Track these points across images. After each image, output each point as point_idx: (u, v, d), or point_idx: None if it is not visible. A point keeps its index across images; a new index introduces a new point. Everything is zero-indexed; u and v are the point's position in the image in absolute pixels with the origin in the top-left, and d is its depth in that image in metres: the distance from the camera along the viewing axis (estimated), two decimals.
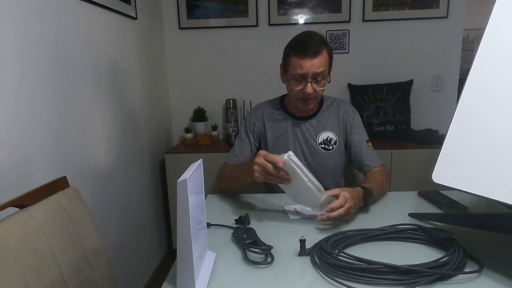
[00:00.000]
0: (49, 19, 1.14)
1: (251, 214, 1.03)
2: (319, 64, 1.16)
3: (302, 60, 1.16)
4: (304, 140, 1.32)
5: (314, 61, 1.15)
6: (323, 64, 1.17)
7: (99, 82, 1.45)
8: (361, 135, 1.32)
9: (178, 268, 0.67)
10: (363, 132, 1.34)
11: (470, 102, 0.74)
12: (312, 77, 1.17)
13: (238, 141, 1.37)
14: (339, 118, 1.33)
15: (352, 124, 1.32)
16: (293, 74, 1.19)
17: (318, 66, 1.15)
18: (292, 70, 1.19)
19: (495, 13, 0.73)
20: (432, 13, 2.20)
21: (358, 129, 1.33)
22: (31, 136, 1.05)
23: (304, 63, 1.15)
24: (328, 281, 0.70)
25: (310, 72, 1.16)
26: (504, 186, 0.66)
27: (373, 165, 1.29)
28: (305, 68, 1.15)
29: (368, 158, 1.30)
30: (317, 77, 1.17)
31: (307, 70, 1.16)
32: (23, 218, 0.69)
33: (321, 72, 1.17)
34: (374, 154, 1.31)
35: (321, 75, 1.17)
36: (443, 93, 2.31)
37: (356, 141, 1.31)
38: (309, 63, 1.15)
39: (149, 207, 1.98)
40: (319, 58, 1.15)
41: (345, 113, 1.33)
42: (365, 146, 1.31)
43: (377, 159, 1.31)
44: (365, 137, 1.33)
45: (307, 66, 1.15)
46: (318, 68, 1.15)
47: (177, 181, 0.63)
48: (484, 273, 0.71)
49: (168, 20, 2.31)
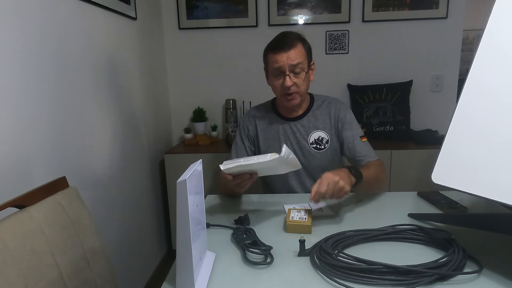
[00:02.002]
0: (49, 20, 1.14)
1: (250, 214, 1.03)
2: (295, 56, 1.19)
3: (277, 55, 1.20)
4: (295, 141, 1.32)
5: (289, 53, 1.19)
6: (298, 56, 1.20)
7: (99, 82, 1.45)
8: (353, 130, 1.30)
9: (178, 268, 0.67)
10: (356, 128, 1.31)
11: (469, 102, 0.74)
12: (290, 69, 1.20)
13: (235, 146, 1.38)
14: (330, 116, 1.32)
15: (344, 121, 1.30)
16: (272, 70, 1.23)
17: (293, 58, 1.19)
18: (270, 66, 1.23)
19: (494, 13, 0.73)
20: (431, 14, 2.20)
21: (351, 125, 1.30)
22: (31, 136, 1.05)
23: (279, 56, 1.19)
24: (327, 281, 0.70)
25: (286, 64, 1.19)
26: (504, 186, 0.66)
27: (368, 159, 1.25)
28: (281, 61, 1.19)
29: (362, 154, 1.27)
30: (294, 69, 1.20)
31: (283, 63, 1.19)
32: (22, 218, 0.69)
33: (297, 64, 1.20)
34: (369, 149, 1.28)
35: (298, 67, 1.20)
36: (442, 93, 2.31)
37: (348, 137, 1.29)
38: (284, 56, 1.19)
39: (148, 207, 1.98)
40: (294, 50, 1.19)
41: (336, 110, 1.32)
42: (359, 141, 1.28)
43: (372, 154, 1.28)
44: (358, 133, 1.30)
45: (283, 59, 1.19)
46: (293, 60, 1.19)
47: (177, 182, 0.63)
48: (483, 273, 0.71)
49: (168, 20, 2.31)
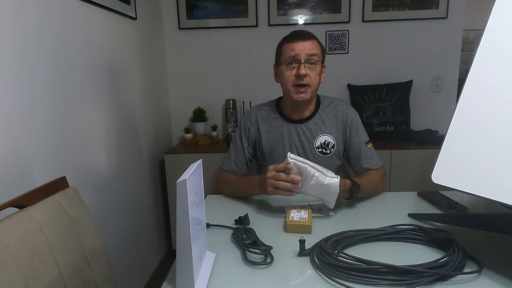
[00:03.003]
0: (48, 19, 1.14)
1: (250, 214, 1.03)
2: (311, 47, 1.18)
3: (294, 43, 1.19)
4: (300, 144, 1.30)
5: (306, 43, 1.18)
6: (315, 47, 1.20)
7: (98, 82, 1.45)
8: (360, 137, 1.29)
9: (178, 268, 0.67)
10: (362, 134, 1.30)
11: (469, 102, 0.74)
12: (305, 58, 1.18)
13: (234, 146, 1.36)
14: (337, 120, 1.30)
15: (351, 127, 1.29)
16: (286, 58, 1.21)
17: (310, 48, 1.18)
18: (285, 55, 1.21)
19: (494, 13, 0.73)
20: (431, 14, 2.20)
21: (358, 131, 1.30)
22: (31, 136, 1.05)
23: (297, 44, 1.19)
24: (327, 281, 0.70)
25: (303, 53, 1.18)
26: (504, 186, 0.66)
27: (372, 167, 1.26)
28: (297, 49, 1.18)
29: (366, 161, 1.27)
30: (310, 59, 1.19)
31: (299, 51, 1.18)
32: (22, 218, 0.69)
33: (314, 54, 1.19)
34: (374, 156, 1.28)
35: (314, 57, 1.19)
36: (442, 93, 2.31)
37: (355, 143, 1.29)
38: (301, 45, 1.18)
39: (148, 207, 1.98)
40: (311, 42, 1.19)
41: (343, 115, 1.30)
42: (364, 148, 1.28)
43: (376, 161, 1.28)
44: (364, 139, 1.30)
45: (300, 47, 1.18)
46: (310, 50, 1.18)
47: (177, 182, 0.63)
48: (483, 273, 0.71)
49: (168, 20, 2.31)
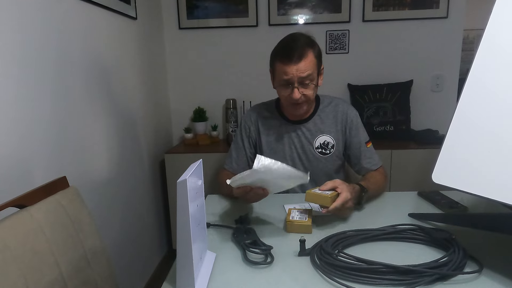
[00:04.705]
0: (49, 19, 1.14)
1: (251, 214, 1.03)
2: (305, 68, 1.12)
3: (286, 66, 1.13)
4: (300, 144, 1.29)
5: (299, 66, 1.12)
6: (309, 67, 1.13)
7: (99, 82, 1.45)
8: (360, 136, 1.29)
9: (178, 268, 0.67)
10: (362, 133, 1.30)
11: (470, 102, 0.74)
12: (298, 81, 1.14)
13: (235, 145, 1.36)
14: (337, 120, 1.29)
15: (351, 126, 1.29)
16: (279, 80, 1.17)
17: (303, 70, 1.12)
18: (278, 76, 1.18)
19: (494, 13, 0.73)
20: (432, 13, 2.20)
21: (357, 131, 1.29)
22: (31, 136, 1.05)
23: (289, 68, 1.13)
24: (328, 281, 0.70)
25: (295, 77, 1.13)
26: (504, 186, 0.66)
27: (372, 167, 1.26)
28: (290, 73, 1.13)
29: (366, 161, 1.27)
30: (303, 81, 1.14)
31: (292, 75, 1.13)
32: (23, 218, 0.69)
33: (307, 75, 1.13)
34: (374, 156, 1.29)
35: (307, 78, 1.14)
36: (443, 93, 2.30)
37: (355, 143, 1.29)
38: (293, 68, 1.12)
39: (149, 207, 1.98)
40: (304, 61, 1.12)
41: (343, 115, 1.29)
42: (364, 148, 1.28)
43: (376, 161, 1.28)
44: (364, 138, 1.29)
45: (292, 71, 1.12)
46: (303, 72, 1.12)
47: (177, 181, 0.63)
48: (484, 273, 0.71)
49: (168, 20, 2.31)
